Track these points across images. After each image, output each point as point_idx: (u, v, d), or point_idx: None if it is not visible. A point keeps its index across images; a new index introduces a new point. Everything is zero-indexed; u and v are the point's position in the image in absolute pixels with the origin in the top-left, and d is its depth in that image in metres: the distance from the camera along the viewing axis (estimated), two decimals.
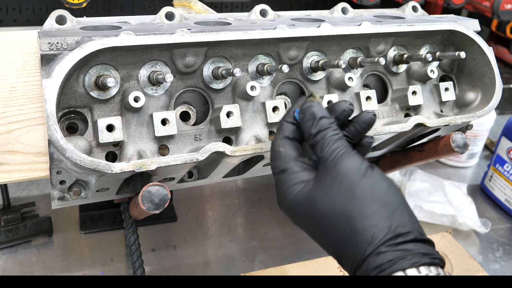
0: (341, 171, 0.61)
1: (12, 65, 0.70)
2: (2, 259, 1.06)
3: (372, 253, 0.56)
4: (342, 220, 0.58)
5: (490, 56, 0.90)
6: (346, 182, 0.60)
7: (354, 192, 0.59)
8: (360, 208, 0.58)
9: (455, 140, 0.91)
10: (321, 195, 0.61)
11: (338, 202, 0.59)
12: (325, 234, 0.61)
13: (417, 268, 0.54)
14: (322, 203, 0.60)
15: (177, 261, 1.10)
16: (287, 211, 0.65)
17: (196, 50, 0.73)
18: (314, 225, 0.62)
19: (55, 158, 0.66)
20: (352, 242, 0.57)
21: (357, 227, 0.57)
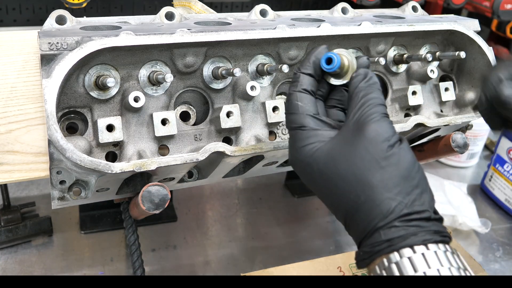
0: (370, 136, 0.58)
1: (12, 65, 0.70)
2: (2, 259, 1.06)
3: (384, 226, 0.55)
4: (360, 186, 0.57)
5: (490, 56, 0.90)
6: (373, 149, 0.58)
7: (379, 161, 0.57)
8: (381, 179, 0.57)
9: (455, 140, 0.91)
10: (343, 157, 0.59)
11: (360, 168, 0.57)
12: (338, 197, 0.59)
13: (426, 245, 0.54)
14: (343, 165, 0.58)
15: (177, 261, 1.10)
16: (301, 167, 0.62)
17: (196, 50, 0.73)
18: (329, 186, 0.60)
19: (55, 158, 0.66)
20: (366, 211, 0.56)
21: (374, 197, 0.56)
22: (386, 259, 0.55)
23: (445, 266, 0.53)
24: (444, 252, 0.54)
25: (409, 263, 0.53)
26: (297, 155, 0.62)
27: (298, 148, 0.62)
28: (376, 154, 0.57)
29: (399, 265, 0.54)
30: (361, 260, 0.57)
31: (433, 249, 0.54)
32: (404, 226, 0.55)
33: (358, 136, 0.59)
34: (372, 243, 0.56)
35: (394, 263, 0.54)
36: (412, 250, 0.54)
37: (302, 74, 0.65)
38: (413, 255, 0.54)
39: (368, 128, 0.59)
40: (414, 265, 0.53)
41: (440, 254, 0.54)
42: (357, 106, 0.61)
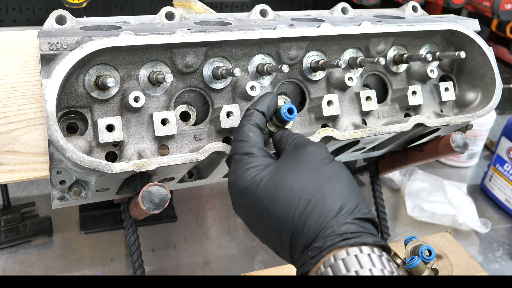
0: (312, 154, 0.64)
1: (12, 65, 0.70)
2: (2, 259, 1.06)
3: (338, 221, 0.57)
4: (309, 191, 0.59)
5: (490, 56, 0.90)
6: (315, 163, 0.63)
7: (324, 171, 0.62)
8: (329, 184, 0.60)
9: (455, 140, 0.91)
10: (290, 170, 0.62)
11: (307, 176, 0.61)
12: (287, 208, 0.60)
13: (373, 247, 0.56)
14: (290, 178, 0.61)
15: (177, 261, 1.10)
16: (243, 189, 0.64)
17: (196, 50, 0.73)
18: (276, 199, 0.61)
19: (55, 158, 0.66)
20: (318, 212, 0.58)
21: (326, 199, 0.59)
22: (333, 256, 0.55)
23: (387, 269, 0.54)
24: (387, 259, 0.56)
25: (356, 260, 0.54)
26: (241, 177, 0.64)
27: (243, 171, 0.65)
28: (319, 166, 0.62)
29: (346, 261, 0.54)
30: (308, 260, 0.57)
31: (377, 252, 0.56)
32: (357, 224, 0.57)
33: (300, 155, 0.64)
34: (325, 237, 0.56)
35: (341, 260, 0.54)
36: (359, 249, 0.55)
37: (256, 111, 0.69)
38: (359, 254, 0.55)
39: (308, 148, 0.65)
40: (360, 263, 0.54)
41: (384, 259, 0.55)
42: (293, 137, 0.68)
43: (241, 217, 0.67)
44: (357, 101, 0.86)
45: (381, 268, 0.54)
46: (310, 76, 0.83)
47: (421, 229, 1.26)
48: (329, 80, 0.85)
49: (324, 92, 0.85)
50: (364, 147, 0.93)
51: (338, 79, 0.83)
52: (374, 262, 0.54)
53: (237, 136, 0.68)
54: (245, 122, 0.69)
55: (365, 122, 0.88)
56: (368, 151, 0.98)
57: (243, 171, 0.64)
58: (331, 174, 0.62)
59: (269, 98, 0.71)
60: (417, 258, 0.78)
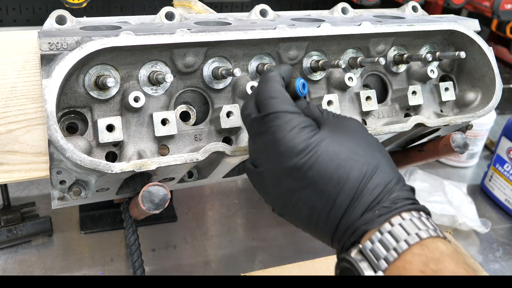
0: (356, 125, 0.65)
1: (12, 65, 0.70)
2: (2, 259, 1.06)
3: (400, 188, 0.60)
4: (371, 157, 0.60)
5: (490, 56, 0.90)
6: (364, 133, 0.64)
7: (373, 143, 0.63)
8: (382, 154, 0.62)
9: (455, 140, 0.91)
10: (346, 136, 0.62)
11: (364, 144, 0.62)
12: (351, 171, 0.59)
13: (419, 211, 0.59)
14: (349, 141, 0.61)
15: (177, 261, 1.10)
16: (303, 150, 0.59)
17: (196, 50, 0.73)
18: (340, 163, 0.59)
19: (55, 158, 0.66)
20: (382, 174, 0.60)
21: (384, 165, 0.61)
22: (389, 223, 0.57)
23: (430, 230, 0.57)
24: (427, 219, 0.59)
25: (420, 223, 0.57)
26: (299, 135, 0.59)
27: (298, 129, 0.60)
28: (370, 139, 0.64)
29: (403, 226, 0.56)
30: (375, 218, 0.57)
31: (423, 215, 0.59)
32: (407, 191, 0.61)
33: (348, 125, 0.64)
34: (392, 199, 0.58)
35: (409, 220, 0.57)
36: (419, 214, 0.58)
37: (278, 73, 0.64)
38: (422, 218, 0.58)
39: (351, 120, 0.66)
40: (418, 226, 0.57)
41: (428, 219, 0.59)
42: (323, 109, 0.67)
43: (277, 183, 0.61)
44: (357, 101, 0.86)
45: (434, 228, 0.57)
46: (310, 76, 0.83)
47: None
48: (329, 80, 0.85)
49: (324, 92, 0.85)
50: None
51: (338, 79, 0.84)
52: (425, 224, 0.57)
53: (267, 93, 0.62)
54: (270, 80, 0.63)
55: (365, 122, 0.88)
56: None
57: (299, 129, 0.60)
58: (379, 146, 0.64)
59: (287, 66, 0.66)
60: None
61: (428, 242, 0.55)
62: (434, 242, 0.55)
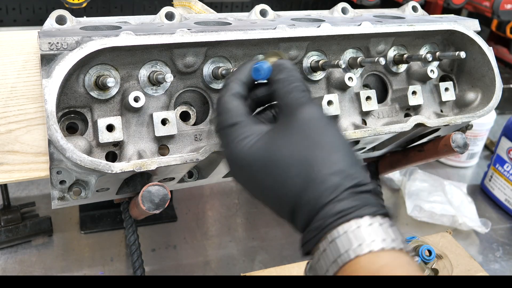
0: (306, 117, 0.60)
1: (12, 65, 0.70)
2: (2, 259, 1.06)
3: (334, 198, 0.55)
4: (303, 167, 0.57)
5: (490, 56, 0.90)
6: (309, 129, 0.59)
7: (318, 140, 0.58)
8: (323, 156, 0.57)
9: (455, 140, 0.91)
10: (283, 142, 0.59)
11: (302, 150, 0.58)
12: (283, 185, 0.58)
13: (373, 217, 0.55)
14: (284, 150, 0.58)
15: (177, 261, 1.10)
16: (240, 163, 0.61)
17: (196, 50, 0.73)
18: (272, 175, 0.59)
19: (55, 158, 0.66)
20: (312, 190, 0.56)
21: (319, 174, 0.57)
22: (335, 231, 0.54)
23: (389, 238, 0.54)
24: (390, 225, 0.55)
25: (355, 235, 0.53)
26: (235, 151, 0.61)
27: (236, 144, 0.61)
28: (314, 134, 0.59)
29: (347, 236, 0.53)
30: (309, 240, 0.56)
31: (379, 221, 0.55)
32: (353, 198, 0.56)
33: (293, 120, 0.60)
34: (321, 218, 0.55)
35: (344, 234, 0.54)
36: (358, 222, 0.54)
37: (233, 81, 0.65)
38: (360, 227, 0.54)
39: (300, 110, 0.60)
40: (362, 237, 0.53)
41: (385, 227, 0.55)
42: (285, 94, 0.62)
43: (243, 187, 0.64)
44: (357, 101, 0.86)
45: (383, 238, 0.53)
46: (310, 76, 0.83)
47: (421, 229, 1.26)
48: (329, 80, 0.85)
49: (324, 92, 0.85)
50: (364, 147, 0.93)
51: (338, 79, 0.84)
52: (377, 232, 0.53)
53: (217, 111, 0.65)
54: (222, 94, 0.65)
55: (365, 122, 0.88)
56: (368, 151, 0.98)
57: (236, 143, 0.61)
58: (326, 142, 0.58)
59: (246, 63, 0.66)
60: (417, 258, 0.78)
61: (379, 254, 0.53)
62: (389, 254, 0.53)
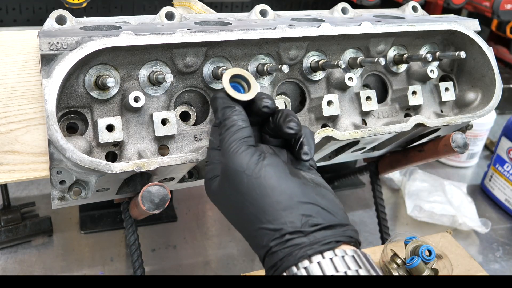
0: (232, 171, 0.59)
1: (12, 65, 0.70)
2: (2, 259, 1.06)
3: (266, 253, 0.57)
4: (246, 219, 0.59)
5: (490, 56, 0.90)
6: (237, 181, 0.59)
7: (259, 186, 0.58)
8: (268, 200, 0.57)
9: (455, 140, 0.91)
10: (225, 192, 0.61)
11: (239, 202, 0.59)
12: (242, 228, 0.61)
13: (335, 249, 0.55)
14: (228, 200, 0.61)
15: (177, 261, 1.10)
16: (213, 199, 0.66)
17: (196, 50, 0.73)
18: (232, 216, 0.63)
19: (55, 158, 0.66)
20: (253, 244, 0.60)
21: (268, 218, 0.57)
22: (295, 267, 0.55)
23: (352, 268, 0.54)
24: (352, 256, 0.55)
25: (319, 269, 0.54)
26: (207, 189, 0.65)
27: (206, 182, 0.65)
28: (242, 185, 0.59)
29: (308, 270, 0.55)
30: None
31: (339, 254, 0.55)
32: (281, 250, 0.56)
33: (226, 171, 0.60)
34: (270, 265, 0.58)
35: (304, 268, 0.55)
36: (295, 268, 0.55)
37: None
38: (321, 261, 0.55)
39: (229, 163, 0.60)
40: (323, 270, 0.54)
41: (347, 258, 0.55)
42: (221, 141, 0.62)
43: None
44: (357, 101, 0.86)
45: (344, 271, 0.53)
46: (310, 76, 0.83)
47: (421, 229, 1.26)
48: (329, 80, 0.85)
49: (324, 92, 0.85)
50: (364, 147, 0.93)
51: (338, 79, 0.84)
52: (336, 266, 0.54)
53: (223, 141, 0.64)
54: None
55: (365, 122, 0.88)
56: (368, 151, 0.98)
57: (206, 182, 0.65)
58: (267, 185, 0.58)
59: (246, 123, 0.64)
60: (417, 258, 0.78)
61: None
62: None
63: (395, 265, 0.83)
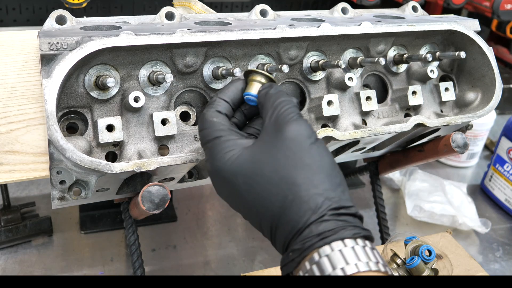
0: (291, 135, 0.59)
1: (12, 65, 0.70)
2: (2, 259, 1.06)
3: (315, 221, 0.55)
4: (287, 185, 0.56)
5: (490, 56, 0.90)
6: (295, 147, 0.58)
7: (302, 159, 0.57)
8: (306, 176, 0.57)
9: (455, 140, 0.91)
10: (267, 159, 0.58)
11: (285, 167, 0.57)
12: (264, 201, 0.58)
13: (355, 239, 0.55)
14: (267, 167, 0.58)
15: (177, 261, 1.10)
16: (223, 177, 0.61)
17: (196, 50, 0.73)
18: (254, 191, 0.59)
19: (55, 158, 0.66)
20: (294, 209, 0.56)
21: (302, 194, 0.56)
22: (317, 253, 0.54)
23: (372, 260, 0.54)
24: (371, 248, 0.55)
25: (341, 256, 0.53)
26: (218, 164, 0.61)
27: (218, 157, 0.61)
28: (299, 152, 0.58)
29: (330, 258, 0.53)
30: (290, 261, 0.56)
31: (361, 244, 0.55)
32: (334, 220, 0.55)
33: (279, 137, 0.59)
34: (303, 239, 0.55)
35: (325, 256, 0.53)
36: (343, 243, 0.54)
37: (218, 98, 0.66)
38: (343, 248, 0.54)
39: (288, 127, 0.59)
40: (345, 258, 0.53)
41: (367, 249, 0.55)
42: (272, 109, 0.62)
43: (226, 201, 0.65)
44: (357, 101, 0.86)
45: (366, 261, 0.53)
46: (310, 76, 0.83)
47: (421, 229, 1.26)
48: (329, 80, 0.85)
49: (324, 92, 0.85)
50: (364, 147, 0.93)
51: (338, 79, 0.84)
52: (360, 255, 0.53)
53: (200, 126, 0.65)
54: (206, 109, 0.65)
55: (365, 122, 0.88)
56: (368, 151, 0.98)
57: (220, 157, 0.61)
58: (310, 160, 0.58)
59: (233, 85, 0.67)
60: (417, 258, 0.78)
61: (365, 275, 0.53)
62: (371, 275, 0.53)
63: (395, 265, 0.83)
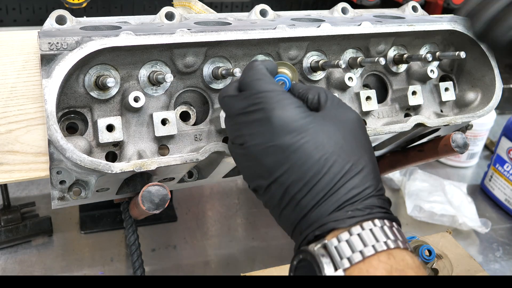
0: (354, 120, 0.63)
1: (12, 65, 0.70)
2: (2, 259, 1.06)
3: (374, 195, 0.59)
4: (352, 158, 0.59)
5: (490, 56, 0.90)
6: (358, 131, 0.62)
7: (363, 144, 0.62)
8: (366, 158, 0.61)
9: (455, 140, 0.91)
10: (338, 128, 0.60)
11: (351, 143, 0.60)
12: (321, 166, 0.58)
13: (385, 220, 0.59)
14: (337, 133, 0.60)
15: (177, 261, 1.10)
16: (288, 128, 0.59)
17: (196, 50, 0.73)
18: (323, 149, 0.59)
19: (55, 158, 0.66)
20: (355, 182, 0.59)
21: (363, 170, 0.59)
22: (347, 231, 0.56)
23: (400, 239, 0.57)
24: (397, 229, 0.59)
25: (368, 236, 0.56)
26: (287, 114, 0.60)
27: (293, 107, 0.60)
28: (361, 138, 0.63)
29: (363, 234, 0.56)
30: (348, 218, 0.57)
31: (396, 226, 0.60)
32: (382, 199, 0.60)
33: (345, 117, 0.63)
34: (369, 204, 0.58)
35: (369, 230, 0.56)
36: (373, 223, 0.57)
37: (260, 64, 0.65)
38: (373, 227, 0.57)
39: (351, 113, 0.64)
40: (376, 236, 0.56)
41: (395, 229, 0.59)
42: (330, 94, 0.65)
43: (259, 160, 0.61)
44: (357, 101, 0.86)
45: (403, 240, 0.57)
46: (310, 76, 0.83)
47: (421, 229, 1.26)
48: (329, 80, 0.85)
49: None
50: None
51: (338, 79, 0.84)
52: (397, 236, 0.57)
53: (253, 75, 0.63)
54: (255, 66, 0.64)
55: (365, 122, 0.88)
56: None
57: (292, 108, 0.60)
58: (369, 149, 0.62)
59: (272, 62, 0.67)
60: None
61: (395, 252, 0.55)
62: (401, 253, 0.55)
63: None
